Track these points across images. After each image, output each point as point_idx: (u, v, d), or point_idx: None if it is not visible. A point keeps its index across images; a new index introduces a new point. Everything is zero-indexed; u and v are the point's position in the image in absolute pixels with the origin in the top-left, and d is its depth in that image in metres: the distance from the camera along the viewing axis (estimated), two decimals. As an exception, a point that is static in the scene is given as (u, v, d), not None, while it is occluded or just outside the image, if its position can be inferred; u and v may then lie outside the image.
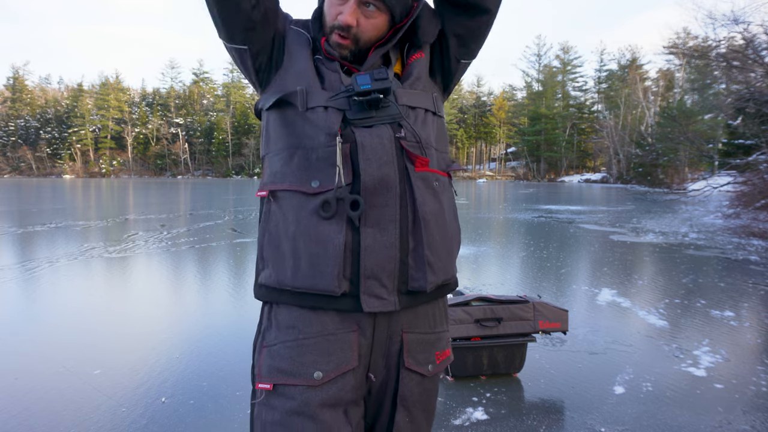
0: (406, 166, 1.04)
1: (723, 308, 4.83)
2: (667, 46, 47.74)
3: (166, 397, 2.88)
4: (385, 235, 1.00)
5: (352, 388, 1.03)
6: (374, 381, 1.07)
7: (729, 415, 2.71)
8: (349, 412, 1.03)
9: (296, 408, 0.99)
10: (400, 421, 1.08)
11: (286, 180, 1.03)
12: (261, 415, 1.03)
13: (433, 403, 1.16)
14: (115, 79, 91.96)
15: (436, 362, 1.13)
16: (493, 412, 2.75)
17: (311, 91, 1.04)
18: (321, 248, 0.97)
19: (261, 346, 1.06)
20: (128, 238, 9.58)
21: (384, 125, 1.03)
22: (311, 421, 0.98)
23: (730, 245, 8.99)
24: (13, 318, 4.54)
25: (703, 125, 32.51)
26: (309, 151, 1.02)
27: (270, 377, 1.02)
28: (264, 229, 1.06)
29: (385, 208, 1.00)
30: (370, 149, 1.00)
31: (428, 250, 1.04)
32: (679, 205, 19.16)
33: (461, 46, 1.17)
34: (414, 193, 1.03)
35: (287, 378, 1.00)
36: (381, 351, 1.06)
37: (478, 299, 3.17)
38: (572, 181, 65.51)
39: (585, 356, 3.57)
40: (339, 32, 1.04)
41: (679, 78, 56.22)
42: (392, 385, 1.08)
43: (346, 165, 0.99)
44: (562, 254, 8.09)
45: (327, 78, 1.06)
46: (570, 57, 79.19)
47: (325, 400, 0.99)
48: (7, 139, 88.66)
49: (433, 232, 1.06)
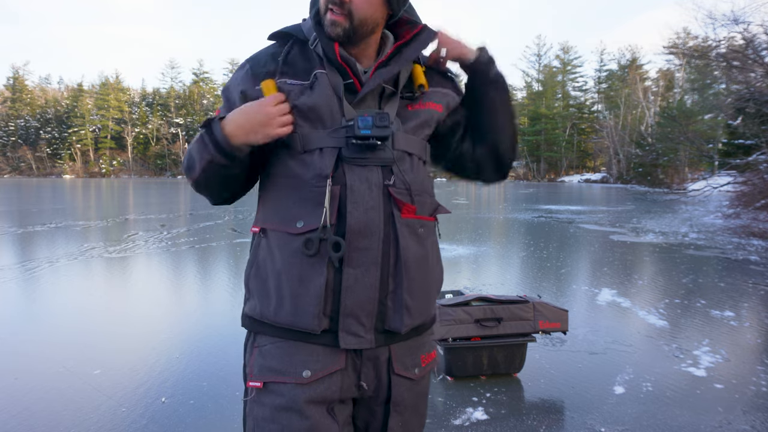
0: (393, 212, 1.05)
1: (723, 308, 4.83)
2: (667, 46, 47.75)
3: (166, 397, 2.88)
4: (367, 277, 1.02)
5: (339, 389, 1.05)
6: (366, 389, 1.09)
7: (729, 415, 2.71)
8: (335, 410, 1.06)
9: (284, 404, 1.03)
10: (394, 425, 1.11)
11: (275, 218, 1.07)
12: (252, 411, 1.07)
13: (424, 406, 1.19)
14: (115, 79, 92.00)
15: (422, 365, 1.15)
16: (493, 412, 2.75)
17: (309, 134, 1.05)
18: (303, 288, 1.01)
19: (252, 347, 1.10)
20: (128, 238, 9.58)
21: (375, 167, 1.04)
22: (298, 416, 1.02)
23: (730, 245, 9.00)
24: (13, 318, 4.54)
25: (703, 125, 32.52)
26: (299, 190, 1.05)
27: (261, 375, 1.06)
28: (252, 261, 1.10)
29: (368, 251, 1.02)
30: (359, 194, 1.02)
31: (407, 294, 1.06)
32: (679, 205, 19.16)
33: (444, 159, 1.26)
34: (398, 239, 1.05)
35: (277, 376, 1.04)
36: (370, 361, 1.09)
37: (478, 299, 3.17)
38: (572, 181, 65.50)
39: (585, 356, 3.57)
40: (332, 7, 1.01)
41: (679, 78, 56.24)
42: (384, 391, 1.10)
43: (332, 205, 1.01)
44: (562, 254, 8.09)
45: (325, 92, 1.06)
46: (570, 57, 79.19)
47: (312, 397, 1.03)
48: (7, 139, 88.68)
49: (414, 276, 1.07)
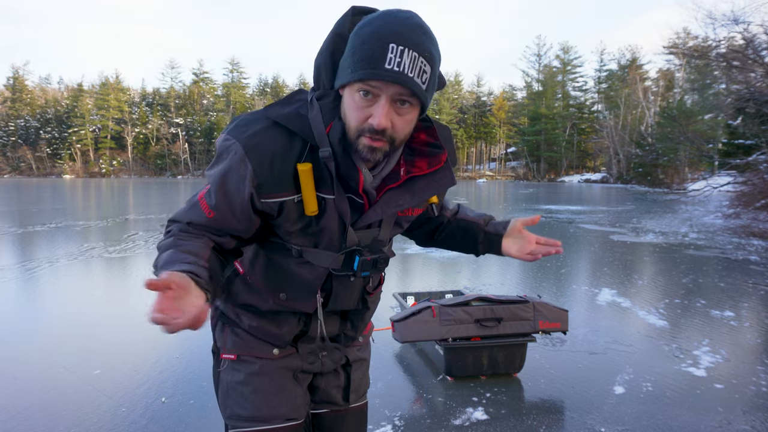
0: (364, 296, 1.24)
1: (723, 308, 4.83)
2: (667, 46, 47.74)
3: (166, 397, 2.88)
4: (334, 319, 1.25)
5: (301, 360, 1.24)
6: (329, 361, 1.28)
7: (729, 415, 2.71)
8: (298, 377, 1.24)
9: (257, 370, 1.20)
10: (356, 377, 1.34)
11: (257, 339, 1.21)
12: (226, 377, 1.21)
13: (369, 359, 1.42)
14: (115, 79, 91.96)
15: (364, 333, 1.39)
16: (493, 412, 2.75)
17: (305, 249, 1.09)
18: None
19: (224, 326, 1.24)
20: (128, 238, 9.58)
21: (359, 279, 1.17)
22: (269, 378, 1.20)
23: (730, 245, 8.99)
24: (13, 318, 4.54)
25: (703, 125, 32.50)
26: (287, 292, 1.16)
27: (235, 349, 1.21)
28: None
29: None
30: (341, 299, 1.18)
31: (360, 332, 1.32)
32: (679, 205, 19.16)
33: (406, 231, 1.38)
34: (366, 306, 1.27)
35: (250, 351, 1.20)
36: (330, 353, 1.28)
37: (478, 299, 3.17)
38: (572, 181, 65.50)
39: (585, 356, 3.57)
40: (371, 136, 0.94)
41: (679, 78, 56.22)
42: (342, 357, 1.31)
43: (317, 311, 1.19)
44: (563, 254, 8.09)
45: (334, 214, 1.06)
46: (570, 57, 79.18)
47: (281, 366, 1.21)
48: (7, 139, 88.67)
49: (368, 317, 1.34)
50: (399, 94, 0.92)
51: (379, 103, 0.92)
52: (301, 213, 1.03)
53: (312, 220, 1.04)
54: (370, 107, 0.93)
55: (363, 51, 0.90)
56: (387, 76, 0.89)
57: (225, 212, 1.03)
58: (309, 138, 0.99)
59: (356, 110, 0.94)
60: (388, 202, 1.06)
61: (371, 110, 0.93)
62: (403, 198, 1.06)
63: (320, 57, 1.02)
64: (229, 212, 1.03)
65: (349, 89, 0.94)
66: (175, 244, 1.00)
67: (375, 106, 0.93)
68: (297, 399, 1.21)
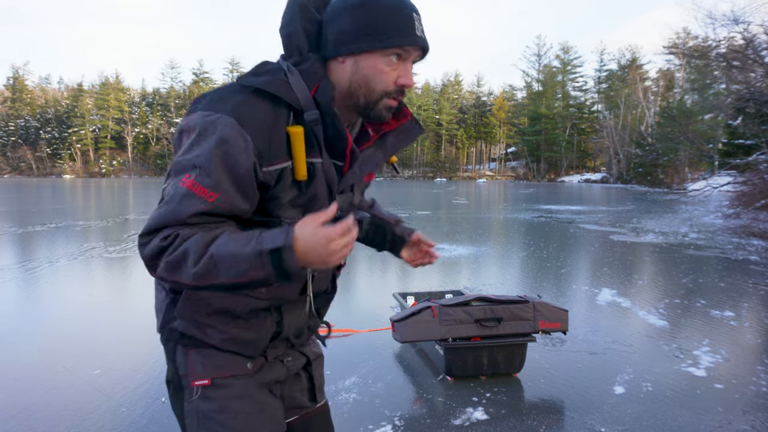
0: (334, 275, 1.25)
1: (723, 308, 4.83)
2: (667, 46, 47.75)
3: (166, 397, 2.88)
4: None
5: (271, 369, 1.17)
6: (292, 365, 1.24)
7: (729, 415, 2.71)
8: (273, 389, 1.17)
9: (235, 393, 1.09)
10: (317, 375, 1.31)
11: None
12: (197, 407, 1.09)
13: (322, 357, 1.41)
14: (115, 79, 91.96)
15: (319, 333, 1.37)
16: (493, 412, 2.75)
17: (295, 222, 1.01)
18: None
19: (185, 349, 1.11)
20: (128, 238, 9.58)
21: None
22: (249, 400, 1.10)
23: (730, 245, 8.99)
24: (13, 318, 4.54)
25: (703, 125, 32.52)
26: None
27: (205, 374, 1.09)
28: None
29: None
30: (319, 278, 1.16)
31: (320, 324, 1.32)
32: (679, 205, 19.17)
33: None
34: (334, 288, 1.27)
35: (223, 371, 1.09)
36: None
37: (478, 299, 3.17)
38: (572, 181, 65.50)
39: (585, 356, 3.57)
40: (397, 96, 1.02)
41: (679, 78, 56.22)
42: (302, 360, 1.27)
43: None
44: (562, 254, 8.09)
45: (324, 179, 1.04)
46: (570, 57, 79.15)
47: (257, 382, 1.12)
48: (7, 139, 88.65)
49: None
50: (419, 56, 1.03)
51: (406, 65, 1.01)
52: (292, 180, 1.00)
53: (302, 186, 1.01)
54: (396, 69, 1.00)
55: (396, 20, 0.97)
56: (420, 41, 1.00)
57: (228, 191, 0.92)
58: (294, 102, 0.97)
59: (385, 74, 0.99)
60: (365, 162, 1.07)
61: (400, 71, 1.01)
62: (377, 155, 1.09)
63: (289, 26, 1.01)
64: (233, 189, 0.92)
65: (375, 55, 0.98)
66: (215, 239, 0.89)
67: (402, 68, 1.01)
68: (277, 412, 1.15)
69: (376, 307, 4.81)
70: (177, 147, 0.96)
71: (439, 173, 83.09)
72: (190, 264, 0.87)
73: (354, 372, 3.26)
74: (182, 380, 1.12)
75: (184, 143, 0.94)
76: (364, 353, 3.59)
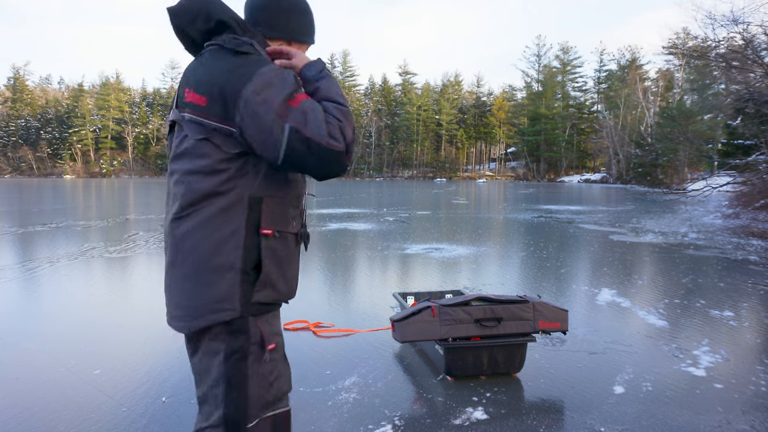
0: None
1: (723, 308, 4.83)
2: (667, 46, 47.71)
3: (167, 396, 2.89)
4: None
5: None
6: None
7: (728, 414, 2.72)
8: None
9: (281, 354, 1.45)
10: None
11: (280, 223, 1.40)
12: (257, 371, 1.35)
13: None
14: (115, 79, 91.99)
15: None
16: (493, 412, 2.75)
17: None
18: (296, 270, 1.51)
19: (254, 319, 1.35)
20: (129, 238, 9.59)
21: None
22: (285, 359, 1.47)
23: (730, 245, 9.00)
24: (13, 318, 4.54)
25: (702, 125, 32.52)
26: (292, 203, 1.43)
27: (272, 337, 1.40)
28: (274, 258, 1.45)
29: None
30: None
31: None
32: (678, 205, 19.17)
33: None
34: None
35: (277, 337, 1.43)
36: None
37: (478, 299, 3.17)
38: (572, 181, 65.51)
39: (585, 356, 3.58)
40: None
41: (679, 78, 56.23)
42: None
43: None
44: (562, 254, 8.10)
45: None
46: (570, 57, 79.20)
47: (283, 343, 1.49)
48: (7, 139, 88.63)
49: None
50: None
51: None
52: None
53: None
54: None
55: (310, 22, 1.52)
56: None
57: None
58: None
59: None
60: None
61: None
62: None
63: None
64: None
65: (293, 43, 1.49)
66: (324, 99, 1.34)
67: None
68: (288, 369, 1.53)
69: (376, 307, 4.82)
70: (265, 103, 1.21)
71: (439, 173, 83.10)
72: (342, 114, 1.28)
73: (354, 372, 3.26)
74: (250, 347, 1.33)
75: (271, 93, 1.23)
76: (364, 353, 3.60)
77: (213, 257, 1.29)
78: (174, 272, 1.35)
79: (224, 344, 1.32)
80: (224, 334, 1.32)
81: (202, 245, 1.30)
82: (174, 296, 1.36)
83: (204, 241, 1.30)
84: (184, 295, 1.33)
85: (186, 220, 1.31)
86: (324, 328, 4.12)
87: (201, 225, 1.30)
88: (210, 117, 1.25)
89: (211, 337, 1.33)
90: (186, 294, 1.32)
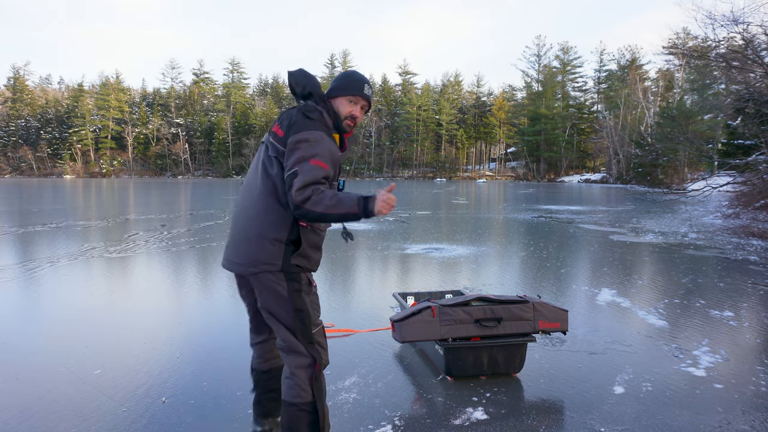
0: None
1: (723, 308, 4.83)
2: (667, 46, 47.78)
3: (167, 397, 2.89)
4: None
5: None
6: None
7: (728, 415, 2.72)
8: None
9: (316, 297, 2.18)
10: None
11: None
12: (309, 299, 2.09)
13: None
14: (115, 80, 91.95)
15: None
16: (493, 412, 2.75)
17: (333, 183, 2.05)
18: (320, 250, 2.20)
19: (302, 273, 2.06)
20: (129, 238, 9.59)
21: None
22: (317, 298, 2.20)
23: (730, 245, 9.00)
24: (13, 318, 4.55)
25: (702, 125, 32.54)
26: None
27: (313, 281, 2.15)
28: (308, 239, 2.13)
29: None
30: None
31: None
32: (678, 205, 19.16)
33: None
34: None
35: (312, 283, 2.15)
36: None
37: (478, 299, 3.18)
38: (572, 181, 65.52)
39: (585, 356, 3.58)
40: (351, 121, 2.16)
41: (679, 78, 56.23)
42: None
43: None
44: (562, 254, 8.10)
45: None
46: (570, 57, 79.20)
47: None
48: (7, 139, 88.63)
49: None
50: (366, 104, 2.22)
51: (357, 107, 2.18)
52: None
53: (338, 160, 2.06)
54: (353, 107, 2.17)
55: (353, 83, 2.18)
56: (362, 94, 2.18)
57: (329, 164, 1.94)
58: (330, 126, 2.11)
59: (346, 106, 2.16)
60: (349, 147, 2.21)
61: (353, 108, 2.17)
62: (349, 147, 2.22)
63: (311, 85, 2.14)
64: (331, 164, 1.95)
65: (343, 98, 2.16)
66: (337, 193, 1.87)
67: (356, 107, 2.18)
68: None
69: (376, 307, 4.82)
70: (296, 149, 1.91)
71: (439, 173, 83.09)
72: (327, 200, 1.82)
73: (354, 372, 3.26)
74: (302, 287, 2.05)
75: (307, 144, 1.91)
76: (364, 353, 3.60)
77: (269, 231, 1.99)
78: (240, 234, 2.07)
79: (287, 284, 2.02)
80: (285, 280, 2.02)
81: (265, 222, 2.00)
82: (239, 248, 2.07)
83: (266, 218, 2.00)
84: (245, 250, 2.05)
85: (257, 202, 2.02)
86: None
87: (265, 209, 2.00)
88: (280, 144, 1.98)
89: (275, 279, 2.00)
90: (246, 250, 2.05)
